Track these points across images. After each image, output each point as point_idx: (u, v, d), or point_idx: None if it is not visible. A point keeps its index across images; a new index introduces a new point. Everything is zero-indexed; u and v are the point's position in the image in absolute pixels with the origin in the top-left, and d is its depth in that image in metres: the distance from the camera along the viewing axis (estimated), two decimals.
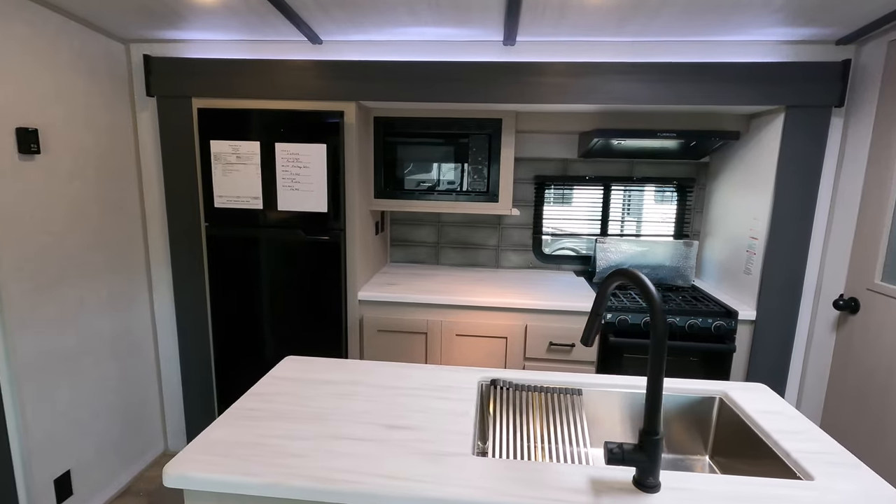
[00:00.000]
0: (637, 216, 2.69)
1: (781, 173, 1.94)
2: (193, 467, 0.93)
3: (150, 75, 2.10)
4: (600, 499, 0.86)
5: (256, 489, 0.90)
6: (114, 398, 2.15)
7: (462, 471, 0.94)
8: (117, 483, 2.20)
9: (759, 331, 2.04)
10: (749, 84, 1.89)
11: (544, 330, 2.13)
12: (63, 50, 1.83)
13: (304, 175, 2.06)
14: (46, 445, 1.83)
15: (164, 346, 2.41)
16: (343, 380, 1.32)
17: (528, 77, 1.98)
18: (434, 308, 2.18)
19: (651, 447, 0.88)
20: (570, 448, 1.20)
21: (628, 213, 2.69)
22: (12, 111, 1.64)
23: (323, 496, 0.89)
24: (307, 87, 2.05)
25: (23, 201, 1.69)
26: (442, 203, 2.33)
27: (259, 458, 0.96)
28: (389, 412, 1.15)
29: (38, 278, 1.76)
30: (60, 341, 1.87)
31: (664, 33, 1.87)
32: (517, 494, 0.87)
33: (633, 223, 2.70)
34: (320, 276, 2.17)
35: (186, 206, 2.19)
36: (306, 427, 1.08)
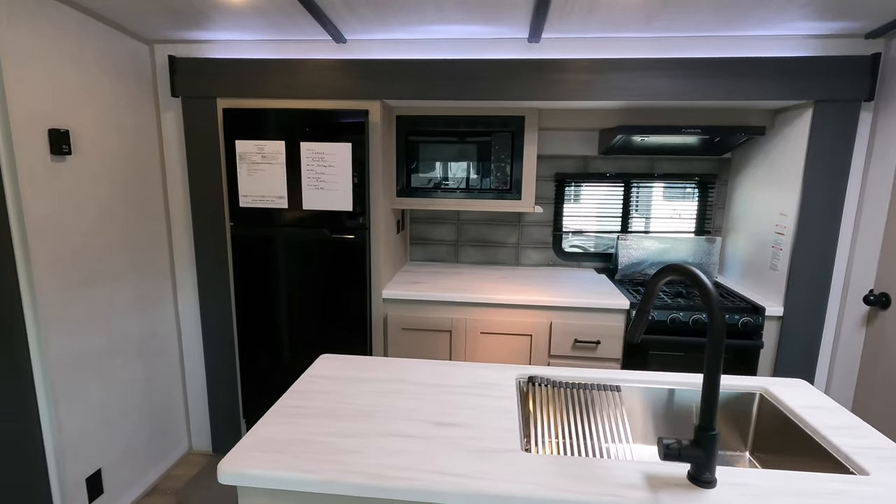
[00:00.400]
0: (658, 213, 2.68)
1: (810, 168, 1.93)
2: (249, 465, 0.93)
3: (174, 76, 2.11)
4: (658, 494, 0.86)
5: (313, 486, 0.90)
6: (141, 398, 2.17)
7: (514, 467, 0.94)
8: (145, 482, 2.22)
9: (786, 326, 2.04)
10: (777, 79, 1.88)
11: (569, 327, 2.13)
12: (90, 50, 1.84)
13: (329, 174, 2.06)
14: (79, 444, 1.84)
15: (187, 346, 2.42)
16: (383, 378, 1.32)
17: (553, 74, 1.98)
18: (458, 306, 2.18)
19: (708, 443, 0.87)
20: (614, 445, 1.20)
21: (649, 209, 2.68)
22: (44, 112, 1.65)
23: (379, 493, 0.89)
24: (332, 87, 2.05)
25: (55, 202, 1.70)
26: (464, 201, 2.33)
27: (312, 455, 0.97)
28: (435, 409, 1.16)
29: (69, 278, 1.77)
30: (91, 341, 1.88)
31: (691, 28, 1.86)
32: (575, 490, 0.87)
33: (654, 220, 2.69)
34: (345, 275, 2.17)
35: (211, 207, 2.20)
36: (353, 424, 1.08)
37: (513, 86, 2.01)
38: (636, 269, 2.50)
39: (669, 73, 1.93)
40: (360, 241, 2.14)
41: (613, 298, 2.13)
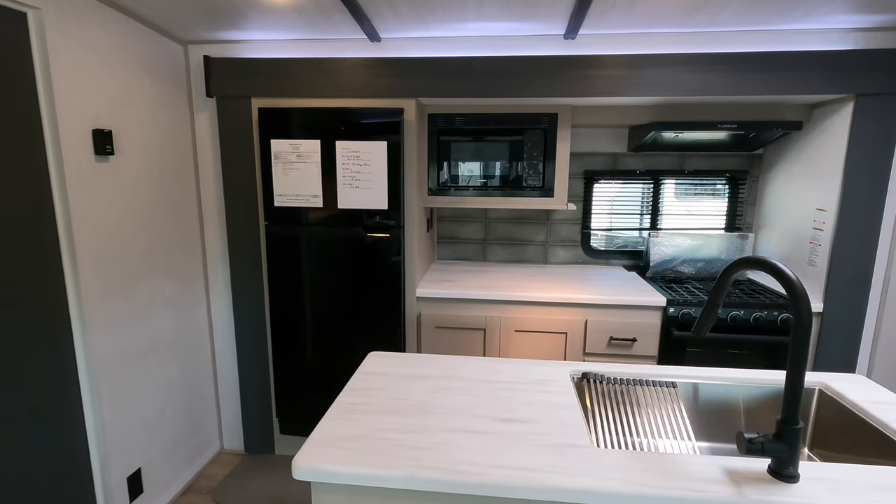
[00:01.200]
0: (688, 209, 2.66)
1: (850, 162, 1.92)
2: (324, 460, 0.93)
3: (210, 76, 2.12)
4: (742, 489, 0.85)
5: (391, 482, 0.90)
6: (176, 397, 2.17)
7: (589, 462, 0.93)
8: (180, 481, 2.22)
9: (826, 322, 2.02)
10: (818, 73, 1.86)
11: (605, 325, 2.12)
12: (131, 51, 1.85)
13: (364, 172, 2.06)
14: (120, 444, 1.85)
15: (219, 345, 2.43)
16: (434, 374, 1.32)
17: (590, 70, 1.97)
18: (492, 304, 2.17)
19: (791, 437, 0.87)
20: (676, 441, 1.19)
21: (679, 206, 2.67)
22: (89, 113, 1.66)
23: (457, 488, 0.88)
24: (367, 85, 2.05)
25: (99, 202, 1.71)
26: (497, 199, 2.32)
27: (384, 451, 0.96)
28: (494, 405, 1.15)
29: (112, 279, 1.78)
30: (132, 341, 1.89)
31: (732, 23, 1.85)
32: (657, 486, 0.86)
33: (684, 217, 2.67)
34: (379, 274, 2.17)
35: (245, 206, 2.21)
36: (417, 421, 1.08)
37: (549, 82, 2.00)
38: (668, 267, 2.49)
39: (708, 68, 1.92)
40: (394, 239, 2.14)
41: (649, 295, 2.12)
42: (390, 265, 2.16)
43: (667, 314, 2.08)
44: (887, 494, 0.84)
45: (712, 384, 1.33)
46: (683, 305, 2.08)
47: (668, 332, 2.09)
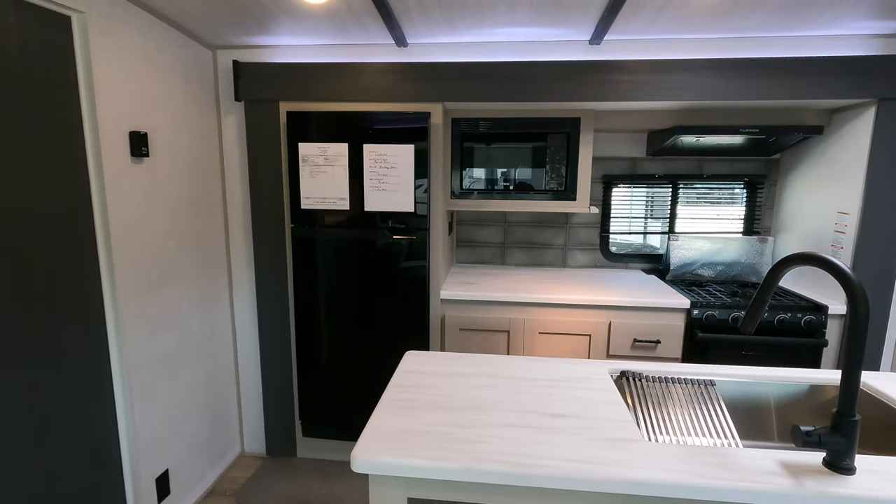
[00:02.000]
0: (706, 214, 2.69)
1: (873, 166, 1.94)
2: (383, 453, 0.94)
3: (238, 80, 2.14)
4: (801, 480, 0.86)
5: (450, 474, 0.91)
6: (201, 399, 2.18)
7: (646, 455, 0.94)
8: (204, 484, 2.22)
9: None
10: (841, 77, 1.89)
11: (629, 327, 2.14)
12: (165, 56, 1.88)
13: (391, 175, 2.09)
14: (151, 444, 1.85)
15: (242, 347, 2.44)
16: (476, 373, 1.33)
17: (616, 75, 2.00)
18: (516, 306, 2.19)
19: (849, 429, 0.88)
20: (719, 439, 1.20)
21: (697, 210, 2.69)
22: (127, 115, 1.68)
23: (518, 480, 0.90)
24: (394, 90, 2.08)
25: (134, 202, 1.73)
26: (519, 202, 2.34)
27: (440, 444, 0.97)
28: (540, 402, 1.16)
29: (145, 278, 1.79)
30: (162, 342, 1.90)
31: (757, 29, 1.88)
32: (719, 477, 0.87)
33: (702, 221, 2.69)
34: (405, 276, 2.19)
35: (272, 209, 2.23)
36: (467, 416, 1.09)
37: (574, 87, 2.03)
38: (688, 270, 2.51)
39: (734, 73, 1.95)
40: (420, 241, 2.16)
41: (672, 297, 2.13)
42: (415, 267, 2.18)
43: (691, 316, 2.10)
44: None
45: (745, 382, 1.34)
46: (707, 307, 2.09)
47: (692, 333, 2.10)
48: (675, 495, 0.86)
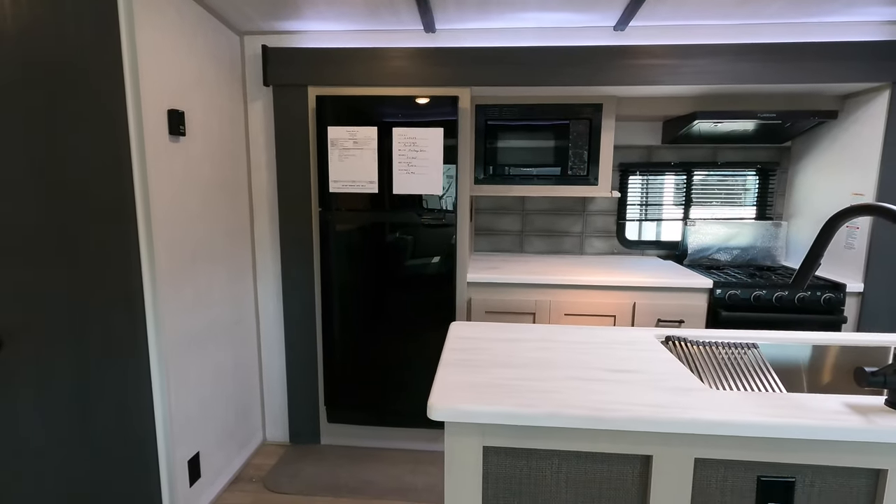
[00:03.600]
0: (720, 200, 2.75)
1: (888, 148, 2.02)
2: (462, 400, 0.96)
3: (267, 65, 2.16)
4: (870, 417, 0.90)
5: (533, 419, 0.93)
6: (228, 385, 2.17)
7: (719, 400, 0.97)
8: (231, 469, 2.20)
9: (867, 301, 2.10)
10: (857, 61, 1.97)
11: (653, 307, 2.18)
12: (199, 39, 1.89)
13: (420, 159, 2.11)
14: (184, 426, 1.84)
15: (266, 333, 2.43)
16: (531, 338, 1.35)
17: (640, 59, 2.05)
18: (541, 288, 2.22)
19: None
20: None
21: (711, 197, 2.75)
22: (166, 93, 1.69)
23: (606, 424, 0.92)
24: (423, 74, 2.12)
25: (170, 181, 1.73)
26: (542, 188, 2.38)
27: (517, 393, 1.00)
28: (603, 361, 1.19)
29: (180, 259, 1.79)
30: (195, 323, 1.89)
31: (777, 15, 1.96)
32: (796, 416, 0.90)
33: (716, 207, 2.76)
34: (432, 259, 2.21)
35: (299, 192, 2.23)
36: (535, 372, 1.11)
37: (599, 72, 2.08)
38: (704, 254, 2.56)
39: (751, 57, 2.02)
40: (448, 224, 2.18)
41: (694, 279, 2.18)
42: (444, 250, 2.20)
43: (714, 296, 2.15)
44: None
45: (780, 345, 1.38)
46: (729, 287, 2.14)
47: (715, 313, 2.15)
48: (753, 434, 0.90)
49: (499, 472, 1.00)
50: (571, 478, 0.99)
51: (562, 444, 0.96)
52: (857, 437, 0.89)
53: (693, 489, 0.96)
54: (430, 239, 2.20)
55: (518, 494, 1.01)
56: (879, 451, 0.90)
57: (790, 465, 0.94)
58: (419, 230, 2.20)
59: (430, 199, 2.16)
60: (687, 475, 0.95)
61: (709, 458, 0.95)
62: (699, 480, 0.96)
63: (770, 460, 0.93)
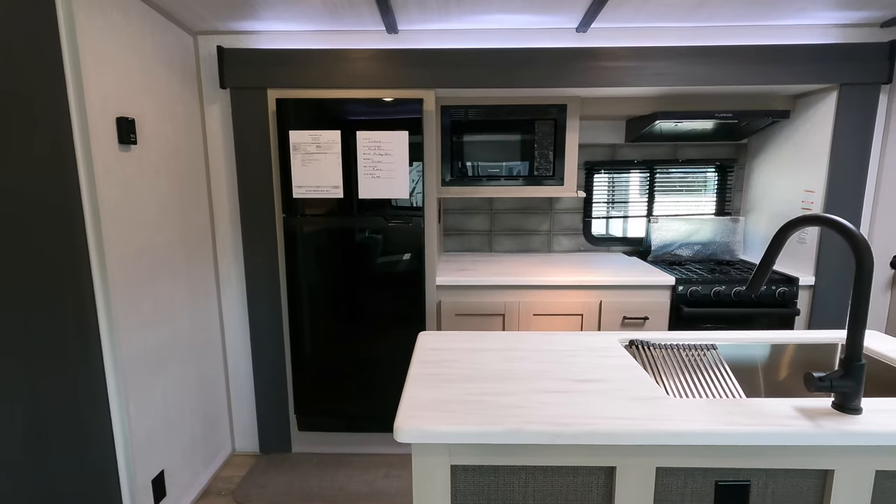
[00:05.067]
0: (681, 197, 2.82)
1: (836, 145, 2.10)
2: (427, 422, 0.96)
3: (223, 67, 2.08)
4: (818, 422, 0.94)
5: (497, 437, 0.94)
6: (193, 398, 2.11)
7: (677, 409, 1.00)
8: (198, 484, 2.15)
9: (818, 294, 2.20)
10: (806, 64, 2.04)
11: (618, 305, 2.22)
12: (147, 41, 1.80)
13: (385, 162, 2.08)
14: (145, 444, 1.78)
15: (231, 343, 2.37)
16: (499, 347, 1.36)
17: (602, 62, 2.07)
18: (510, 289, 2.24)
19: (857, 372, 0.96)
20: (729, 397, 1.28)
21: (673, 194, 2.82)
22: (113, 100, 1.61)
23: (565, 439, 0.93)
24: (386, 76, 2.08)
25: (124, 193, 1.65)
26: (509, 188, 2.39)
27: (482, 411, 1.00)
28: (568, 370, 1.20)
29: (136, 273, 1.72)
30: (155, 338, 1.83)
31: (731, 18, 2.00)
32: (748, 423, 0.94)
33: (678, 204, 2.83)
34: (400, 263, 2.19)
35: (261, 199, 2.17)
36: (501, 386, 1.12)
37: (562, 73, 2.09)
38: (667, 250, 2.63)
39: (709, 59, 2.06)
40: (415, 227, 2.16)
41: (657, 276, 2.24)
42: (411, 254, 2.19)
43: (676, 292, 2.21)
44: None
45: (736, 346, 1.43)
46: (690, 284, 2.20)
47: (677, 309, 2.21)
48: (710, 442, 0.92)
49: (467, 489, 1.01)
50: (538, 490, 1.00)
51: (527, 459, 0.97)
52: (806, 441, 0.93)
53: (655, 496, 0.99)
54: (398, 243, 2.18)
55: None
56: (827, 452, 0.95)
57: (745, 470, 0.98)
58: (387, 234, 2.17)
59: (396, 202, 2.14)
60: (649, 484, 0.97)
61: (670, 467, 0.98)
62: (661, 488, 0.99)
63: (726, 466, 0.97)
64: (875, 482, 0.96)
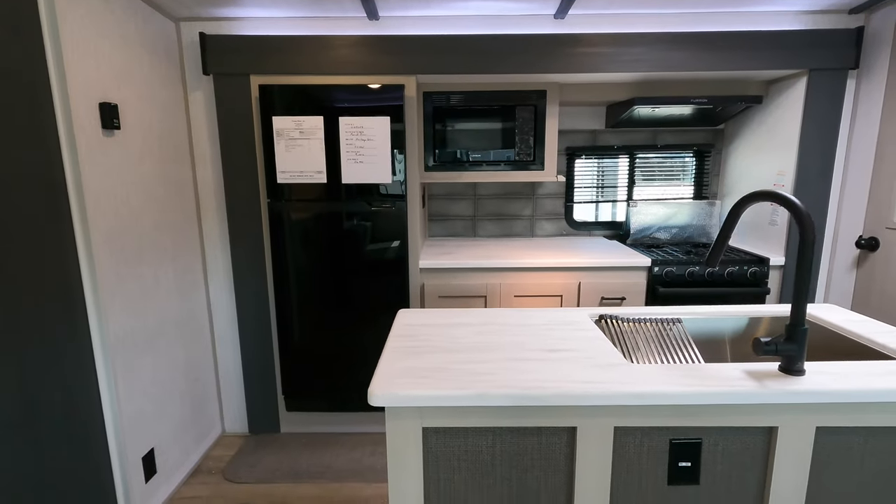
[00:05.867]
0: (660, 181, 2.89)
1: (806, 130, 2.17)
2: (399, 387, 1.02)
3: (206, 53, 2.10)
4: (764, 382, 1.01)
5: (465, 400, 1.00)
6: (181, 379, 2.15)
7: (638, 374, 1.06)
8: (189, 463, 2.21)
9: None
10: (777, 50, 2.10)
11: (596, 286, 2.29)
12: (129, 27, 1.82)
13: (368, 147, 2.12)
14: (135, 423, 1.83)
15: (219, 326, 2.42)
16: (475, 322, 1.42)
17: (579, 48, 2.12)
18: (492, 272, 2.30)
19: (800, 337, 1.03)
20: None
21: (652, 178, 2.88)
22: (96, 86, 1.63)
23: (531, 401, 0.99)
24: (368, 62, 2.11)
25: (107, 177, 1.68)
26: (490, 173, 2.44)
27: (453, 378, 1.06)
28: (540, 342, 1.27)
29: (122, 255, 1.75)
30: (143, 319, 1.87)
31: (705, 5, 2.05)
32: (699, 384, 1.01)
33: (657, 188, 2.90)
34: (384, 247, 2.24)
35: (246, 184, 2.21)
36: (474, 356, 1.18)
37: (540, 59, 2.13)
38: (646, 234, 2.70)
39: (683, 45, 2.11)
40: (398, 211, 2.21)
41: (634, 258, 2.31)
42: (394, 238, 2.24)
43: (652, 273, 2.28)
44: (876, 378, 1.03)
45: (705, 319, 1.50)
46: (666, 265, 2.28)
47: (653, 289, 2.29)
48: (664, 402, 0.99)
49: (438, 451, 1.07)
50: (506, 451, 1.07)
51: (494, 420, 1.03)
52: (751, 400, 1.00)
53: (614, 454, 1.06)
54: (382, 227, 2.23)
55: (458, 470, 1.08)
56: (771, 411, 1.02)
57: (697, 428, 1.05)
58: (370, 218, 2.22)
59: (379, 187, 2.18)
60: (608, 443, 1.04)
61: (627, 426, 1.05)
62: (619, 446, 1.06)
63: (680, 424, 1.04)
64: (815, 438, 1.04)
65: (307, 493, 2.06)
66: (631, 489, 1.08)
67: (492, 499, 1.09)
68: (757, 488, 1.07)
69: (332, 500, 2.01)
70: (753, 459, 1.06)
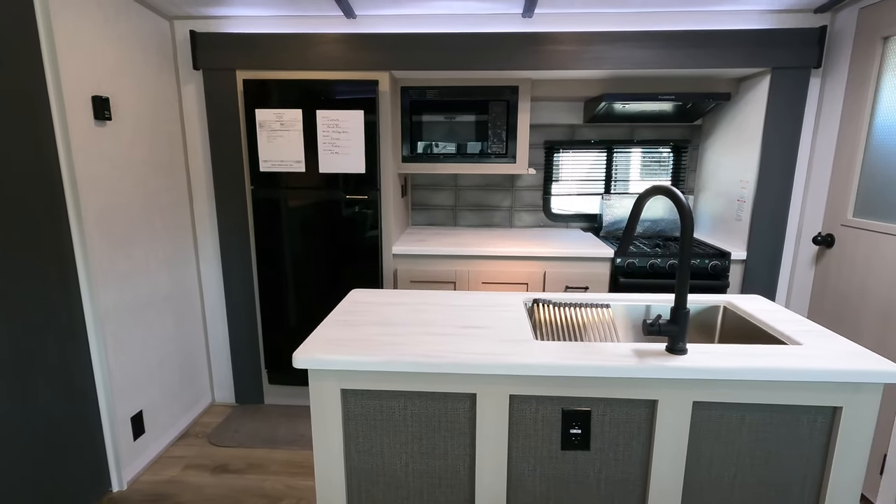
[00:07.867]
0: (636, 176, 2.95)
1: (768, 127, 2.22)
2: (321, 352, 1.16)
3: (196, 50, 2.27)
4: (645, 360, 1.12)
5: (374, 366, 1.14)
6: (171, 350, 2.35)
7: (532, 348, 1.18)
8: (177, 427, 2.41)
9: (749, 268, 2.34)
10: (741, 48, 2.14)
11: (561, 275, 2.39)
12: (122, 25, 1.99)
13: (343, 139, 2.26)
14: (124, 386, 2.03)
15: (209, 303, 2.61)
16: (411, 301, 1.55)
17: (547, 46, 2.20)
18: (462, 259, 2.42)
19: (682, 318, 1.14)
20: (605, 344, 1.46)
21: (629, 172, 2.95)
22: (88, 79, 1.81)
23: (429, 368, 1.13)
24: (344, 59, 2.24)
25: (99, 164, 1.87)
26: (464, 165, 2.55)
27: (368, 347, 1.20)
28: (461, 320, 1.39)
29: (113, 236, 1.94)
30: (132, 294, 2.06)
31: (670, 3, 2.11)
32: (581, 360, 1.12)
33: (633, 182, 2.96)
34: (358, 233, 2.39)
35: (233, 172, 2.38)
36: (398, 329, 1.32)
37: (510, 57, 2.23)
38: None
39: (648, 44, 2.18)
40: (372, 201, 2.35)
41: (600, 249, 2.39)
42: (369, 224, 2.38)
43: (614, 264, 2.37)
44: (751, 359, 1.12)
45: (637, 304, 1.60)
46: (629, 256, 2.36)
47: (615, 279, 2.38)
48: (554, 374, 1.11)
49: (356, 411, 1.21)
50: (416, 414, 1.21)
51: (404, 385, 1.17)
52: (634, 374, 1.11)
53: (510, 420, 1.19)
54: (357, 214, 2.37)
55: (374, 429, 1.22)
56: (652, 385, 1.13)
57: (587, 399, 1.17)
58: (346, 206, 2.36)
59: (355, 176, 2.32)
60: (504, 409, 1.17)
61: (522, 395, 1.17)
62: (515, 413, 1.18)
63: (571, 395, 1.16)
64: (693, 411, 1.14)
65: (280, 458, 2.24)
66: (527, 452, 1.21)
67: (404, 454, 1.23)
68: (642, 455, 1.19)
69: (301, 465, 2.19)
70: (638, 429, 1.17)
